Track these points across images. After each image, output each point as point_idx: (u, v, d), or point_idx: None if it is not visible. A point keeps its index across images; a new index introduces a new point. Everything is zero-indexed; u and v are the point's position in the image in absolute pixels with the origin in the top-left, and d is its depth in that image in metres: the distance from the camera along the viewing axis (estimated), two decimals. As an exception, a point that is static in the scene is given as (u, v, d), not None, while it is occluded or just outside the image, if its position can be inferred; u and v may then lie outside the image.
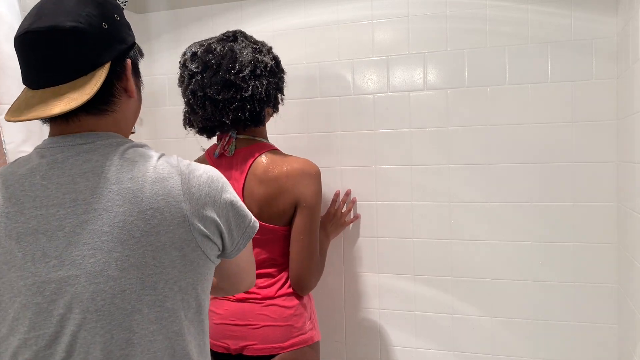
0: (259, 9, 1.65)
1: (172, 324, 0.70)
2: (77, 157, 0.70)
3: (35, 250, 0.67)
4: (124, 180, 0.69)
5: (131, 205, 0.67)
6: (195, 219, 0.71)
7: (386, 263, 1.57)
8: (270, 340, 1.19)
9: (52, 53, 0.69)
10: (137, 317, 0.67)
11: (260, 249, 1.23)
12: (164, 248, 0.68)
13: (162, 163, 0.72)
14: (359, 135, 1.57)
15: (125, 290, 0.66)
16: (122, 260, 0.66)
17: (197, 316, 0.74)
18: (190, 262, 0.71)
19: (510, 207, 1.46)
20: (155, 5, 1.77)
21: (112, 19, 0.74)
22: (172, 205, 0.69)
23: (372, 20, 1.55)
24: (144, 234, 0.67)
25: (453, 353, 1.52)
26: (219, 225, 0.75)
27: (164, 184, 0.70)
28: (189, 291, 0.72)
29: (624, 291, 1.31)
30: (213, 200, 0.74)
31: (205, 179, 0.74)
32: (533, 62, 1.42)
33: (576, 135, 1.40)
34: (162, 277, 0.68)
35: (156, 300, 0.68)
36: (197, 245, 0.72)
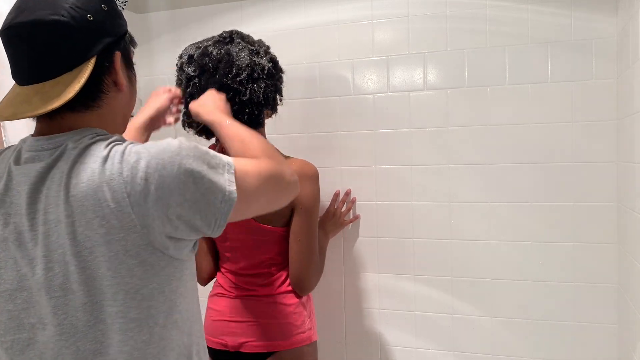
0: (259, 9, 1.65)
1: (140, 334, 0.67)
2: (44, 164, 0.67)
3: (7, 257, 0.67)
4: (72, 187, 0.64)
5: (79, 215, 0.63)
6: (148, 221, 0.65)
7: (386, 263, 1.57)
8: (269, 337, 1.19)
9: (34, 49, 0.66)
10: (101, 327, 0.65)
11: (258, 249, 1.23)
12: (117, 257, 0.64)
13: (108, 164, 0.65)
14: (359, 135, 1.57)
15: (85, 303, 0.64)
16: (78, 273, 0.64)
17: (169, 319, 0.70)
18: (151, 266, 0.66)
19: (510, 207, 1.46)
20: (155, 5, 1.77)
21: (98, 10, 0.70)
22: (119, 211, 0.63)
23: (372, 20, 1.55)
24: (94, 244, 0.63)
25: (453, 353, 1.52)
26: (181, 216, 0.67)
27: (108, 188, 0.63)
28: (155, 296, 0.67)
29: (624, 291, 1.31)
30: (166, 193, 0.65)
31: (153, 170, 0.65)
32: (533, 62, 1.42)
33: (576, 135, 1.40)
34: (122, 287, 0.65)
35: (118, 311, 0.65)
36: (155, 249, 0.66)
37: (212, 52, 1.18)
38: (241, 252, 1.25)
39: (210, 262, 1.32)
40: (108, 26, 0.72)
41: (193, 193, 0.67)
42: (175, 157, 0.66)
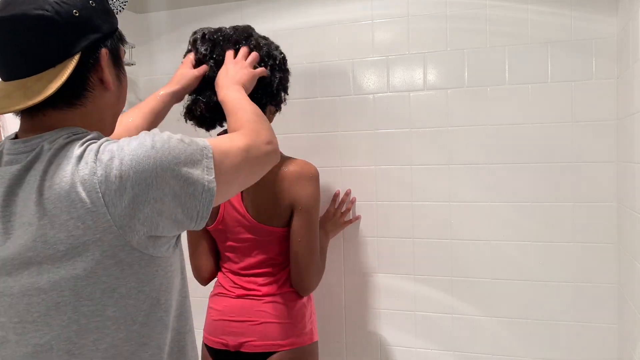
0: (259, 9, 1.65)
1: (117, 331, 0.66)
2: (20, 167, 0.66)
3: None
4: (45, 189, 0.63)
5: (53, 217, 0.62)
6: (125, 220, 0.63)
7: (386, 263, 1.57)
8: (270, 337, 1.19)
9: (18, 43, 0.65)
10: (75, 327, 0.64)
11: (259, 250, 1.23)
12: (94, 258, 0.63)
13: (82, 164, 0.63)
14: (359, 135, 1.57)
15: (59, 303, 0.64)
16: (53, 272, 0.63)
17: (152, 317, 0.69)
18: (129, 266, 0.65)
19: (510, 207, 1.46)
20: (155, 5, 1.77)
21: (85, 6, 0.69)
22: (93, 212, 0.62)
23: (372, 20, 1.55)
24: (69, 247, 0.62)
25: (453, 353, 1.52)
26: (161, 212, 0.65)
27: (82, 187, 0.62)
28: (134, 295, 0.66)
29: (624, 291, 1.31)
30: (143, 190, 0.63)
31: (128, 167, 0.63)
32: (533, 62, 1.42)
33: (576, 135, 1.40)
34: (98, 286, 0.64)
35: (95, 310, 0.64)
36: (134, 249, 0.65)
37: (226, 29, 1.19)
38: (242, 252, 1.25)
39: (211, 262, 1.32)
40: (95, 22, 0.70)
41: (172, 187, 0.66)
42: (150, 152, 0.65)
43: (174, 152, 0.66)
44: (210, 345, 1.24)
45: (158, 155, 0.65)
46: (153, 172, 0.64)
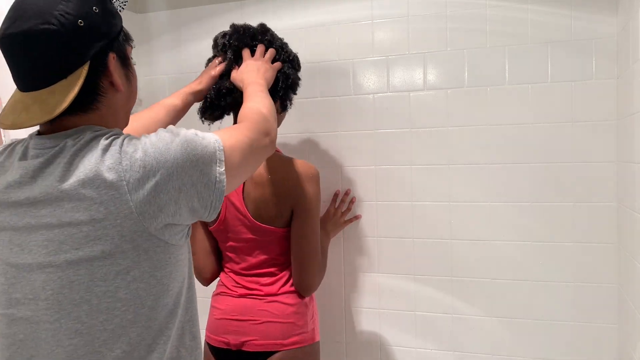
0: (259, 9, 1.65)
1: (126, 313, 0.70)
2: (42, 160, 0.70)
3: (3, 238, 0.71)
4: (71, 176, 0.67)
5: (78, 202, 0.66)
6: (145, 207, 0.67)
7: (386, 263, 1.57)
8: (271, 336, 1.19)
9: (28, 58, 0.68)
10: (86, 307, 0.68)
11: (260, 250, 1.23)
12: (112, 241, 0.67)
13: (108, 155, 0.68)
14: (359, 135, 1.57)
15: (73, 282, 0.67)
16: (70, 252, 0.67)
17: (160, 302, 0.72)
18: (145, 251, 0.69)
19: (511, 207, 1.46)
20: (155, 5, 1.77)
21: (89, 14, 0.70)
22: (117, 198, 0.66)
23: (372, 20, 1.55)
24: (91, 229, 0.66)
25: (453, 353, 1.52)
26: (178, 200, 0.70)
27: (108, 175, 0.67)
28: (146, 279, 0.70)
29: (624, 291, 1.31)
30: (164, 179, 0.68)
31: (151, 158, 0.68)
32: (533, 62, 1.42)
33: (576, 135, 1.40)
34: (113, 268, 0.68)
35: (107, 291, 0.68)
36: (151, 235, 0.69)
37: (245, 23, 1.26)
38: (243, 252, 1.25)
39: (213, 262, 1.32)
40: (100, 29, 0.72)
41: (190, 177, 0.70)
42: (170, 145, 0.70)
43: (190, 145, 0.71)
44: (212, 344, 1.24)
45: (177, 149, 0.70)
46: (173, 163, 0.69)
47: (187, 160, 0.70)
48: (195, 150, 0.72)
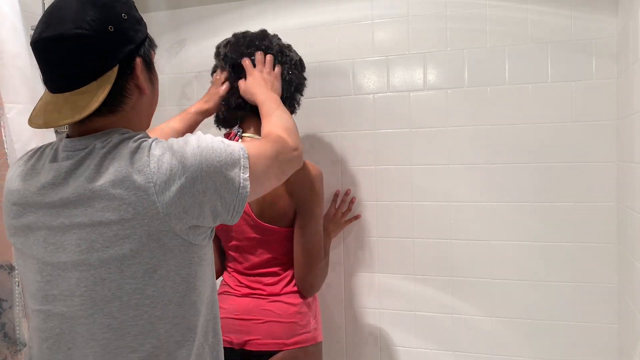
0: (259, 9, 1.65)
1: (154, 310, 0.73)
2: (73, 162, 0.74)
3: (37, 237, 0.74)
4: (101, 177, 0.71)
5: (107, 202, 0.70)
6: (171, 209, 0.71)
7: (386, 263, 1.57)
8: (274, 336, 1.19)
9: (60, 61, 0.72)
10: (117, 303, 0.71)
11: (263, 249, 1.24)
12: (140, 240, 0.70)
13: (136, 158, 0.71)
14: (359, 135, 1.58)
15: (105, 279, 0.71)
16: (102, 251, 0.70)
17: (186, 299, 0.76)
18: (170, 250, 0.72)
19: (510, 207, 1.46)
20: (155, 5, 1.77)
21: (118, 20, 0.74)
22: (145, 199, 0.70)
23: (372, 20, 1.55)
24: (120, 228, 0.70)
25: (453, 353, 1.52)
26: (203, 203, 0.73)
27: (137, 177, 0.70)
28: (172, 277, 0.73)
29: (624, 291, 1.31)
30: (190, 182, 0.71)
31: (178, 162, 0.72)
32: (533, 62, 1.42)
33: (576, 135, 1.40)
34: (141, 266, 0.71)
35: (136, 288, 0.71)
36: (176, 235, 0.72)
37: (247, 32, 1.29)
38: (246, 252, 1.25)
39: (217, 261, 1.33)
40: (128, 34, 0.76)
41: (214, 182, 0.73)
42: (196, 150, 0.73)
43: (216, 151, 0.75)
44: None
45: (203, 154, 0.74)
46: (199, 167, 0.72)
47: (211, 165, 0.73)
48: (220, 156, 0.75)
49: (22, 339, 1.15)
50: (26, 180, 0.77)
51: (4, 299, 1.15)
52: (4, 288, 1.15)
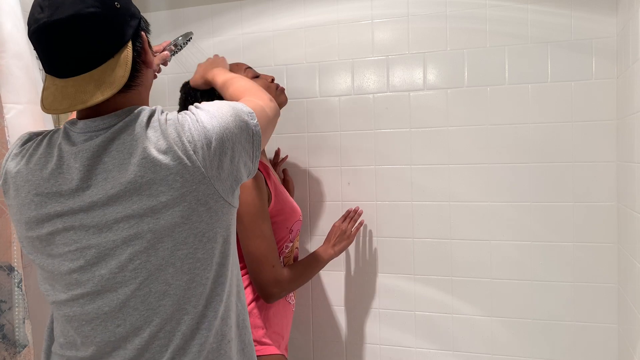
0: (259, 9, 1.65)
1: (204, 271, 0.76)
2: (103, 138, 0.74)
3: (73, 222, 0.74)
4: (142, 152, 0.72)
5: (153, 174, 0.71)
6: (213, 171, 0.74)
7: (386, 263, 1.57)
8: None
9: (77, 41, 0.71)
10: (171, 270, 0.74)
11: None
12: (190, 206, 0.73)
13: (170, 130, 0.74)
14: (359, 135, 1.57)
15: (158, 249, 0.73)
16: (153, 223, 0.72)
17: (227, 259, 0.80)
18: (215, 212, 0.76)
19: (510, 207, 1.46)
20: (155, 5, 1.77)
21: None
22: (189, 166, 0.72)
23: (372, 20, 1.55)
24: (170, 198, 0.72)
25: (453, 353, 1.52)
26: (233, 159, 0.77)
27: (177, 147, 0.73)
28: (217, 239, 0.77)
29: (624, 291, 1.31)
30: (223, 141, 0.75)
31: (210, 126, 0.76)
32: (533, 62, 1.42)
33: (576, 135, 1.40)
34: (192, 232, 0.74)
35: (188, 253, 0.74)
36: (220, 196, 0.76)
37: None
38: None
39: None
40: (131, 9, 0.78)
41: (236, 135, 0.78)
42: (217, 112, 0.78)
43: (231, 110, 0.79)
44: None
45: (224, 113, 0.78)
46: (221, 127, 0.76)
47: (232, 122, 0.77)
48: (232, 113, 0.79)
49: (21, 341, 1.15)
50: (42, 170, 0.76)
51: (3, 300, 1.14)
52: (3, 289, 1.15)
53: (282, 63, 1.64)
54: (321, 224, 1.63)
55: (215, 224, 0.76)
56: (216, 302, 0.78)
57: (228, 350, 0.80)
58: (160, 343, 0.75)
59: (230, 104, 0.81)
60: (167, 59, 1.28)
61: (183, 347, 0.76)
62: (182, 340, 0.75)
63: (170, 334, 0.75)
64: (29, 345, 1.15)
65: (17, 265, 1.14)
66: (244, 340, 0.86)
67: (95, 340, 0.76)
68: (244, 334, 0.87)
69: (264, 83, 1.33)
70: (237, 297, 0.85)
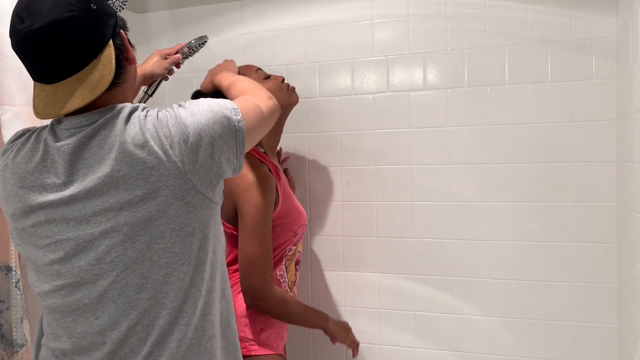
0: (259, 9, 1.65)
1: (182, 266, 0.77)
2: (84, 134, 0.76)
3: (54, 215, 0.76)
4: (119, 146, 0.74)
5: (130, 168, 0.73)
6: (190, 166, 0.75)
7: (386, 263, 1.57)
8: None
9: (60, 46, 0.73)
10: (148, 264, 0.75)
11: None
12: (167, 201, 0.74)
13: (149, 125, 0.76)
14: (359, 135, 1.57)
15: (135, 242, 0.74)
16: (130, 216, 0.73)
17: (207, 254, 0.80)
18: (194, 207, 0.77)
19: (510, 207, 1.46)
20: (155, 5, 1.77)
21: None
22: (165, 160, 0.74)
23: (372, 20, 1.55)
24: (146, 192, 0.73)
25: (453, 353, 1.52)
26: (213, 154, 0.78)
27: (153, 142, 0.74)
28: (196, 234, 0.78)
29: (624, 291, 1.31)
30: (199, 136, 0.76)
31: (189, 122, 0.77)
32: (533, 62, 1.42)
33: (576, 135, 1.40)
34: (169, 226, 0.75)
35: (165, 247, 0.76)
36: (198, 191, 0.77)
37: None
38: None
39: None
40: (107, 9, 0.79)
41: (216, 131, 0.78)
42: (196, 109, 0.79)
43: (212, 107, 0.81)
44: None
45: (203, 110, 0.79)
46: (200, 123, 0.77)
47: (210, 118, 0.78)
48: (212, 109, 0.80)
49: (19, 340, 1.15)
50: (28, 163, 0.78)
51: (1, 300, 1.14)
52: (1, 289, 1.14)
53: (282, 63, 1.64)
54: (321, 224, 1.63)
55: (193, 219, 0.77)
56: (195, 298, 0.79)
57: (209, 347, 0.81)
58: (138, 337, 0.76)
59: (213, 101, 0.83)
60: (179, 61, 1.30)
61: (162, 342, 0.77)
62: (160, 335, 0.76)
63: (148, 327, 0.76)
64: (27, 344, 1.15)
65: (15, 265, 1.14)
66: (227, 338, 0.87)
67: (76, 331, 0.77)
68: (228, 331, 0.87)
69: (274, 84, 1.33)
70: (222, 295, 0.86)
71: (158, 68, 1.28)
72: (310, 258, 1.64)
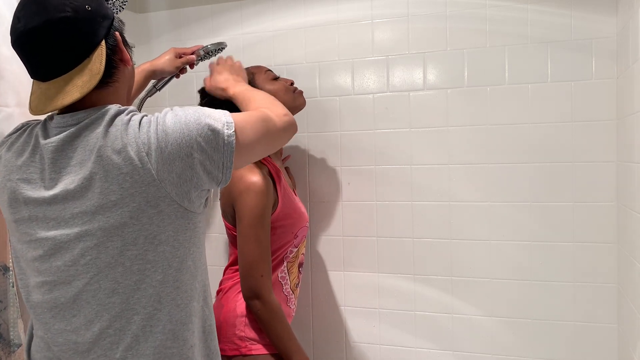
0: (259, 9, 1.65)
1: (155, 274, 0.77)
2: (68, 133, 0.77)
3: (37, 213, 0.78)
4: (98, 150, 0.75)
5: (105, 173, 0.74)
6: (164, 175, 0.75)
7: (386, 263, 1.57)
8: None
9: (51, 46, 0.75)
10: (120, 269, 0.76)
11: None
12: (139, 208, 0.75)
13: (130, 130, 0.76)
14: (359, 135, 1.57)
15: (108, 247, 0.75)
16: (103, 221, 0.74)
17: (184, 264, 0.80)
18: (168, 215, 0.77)
19: (511, 207, 1.46)
20: (155, 5, 1.77)
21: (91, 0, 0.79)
22: (140, 167, 0.74)
23: (372, 20, 1.55)
24: (119, 197, 0.74)
25: (453, 353, 1.52)
26: (192, 166, 0.77)
27: (131, 148, 0.75)
28: (171, 242, 0.78)
29: (624, 291, 1.31)
30: (178, 147, 0.76)
31: (170, 130, 0.76)
32: (533, 62, 1.42)
33: (576, 135, 1.40)
34: (142, 233, 0.76)
35: (138, 254, 0.76)
36: (172, 200, 0.77)
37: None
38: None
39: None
40: (103, 11, 0.81)
41: (198, 143, 0.77)
42: (181, 118, 0.78)
43: (199, 117, 0.79)
44: None
45: (188, 119, 0.78)
46: (182, 133, 0.77)
47: (193, 130, 0.77)
48: (200, 120, 0.78)
49: (16, 340, 1.15)
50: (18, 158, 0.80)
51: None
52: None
53: (282, 63, 1.64)
54: (321, 224, 1.63)
55: (167, 227, 0.77)
56: (171, 306, 0.79)
57: (191, 355, 0.82)
58: (110, 340, 0.77)
59: (206, 111, 0.81)
60: (192, 62, 1.31)
61: (135, 348, 0.77)
62: (133, 340, 0.77)
63: (120, 331, 0.77)
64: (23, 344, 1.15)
65: (12, 266, 1.14)
66: (210, 346, 0.87)
67: (53, 327, 0.79)
68: (210, 339, 0.87)
69: (282, 85, 1.34)
70: (204, 303, 0.86)
71: (169, 66, 1.28)
72: (311, 258, 1.64)
